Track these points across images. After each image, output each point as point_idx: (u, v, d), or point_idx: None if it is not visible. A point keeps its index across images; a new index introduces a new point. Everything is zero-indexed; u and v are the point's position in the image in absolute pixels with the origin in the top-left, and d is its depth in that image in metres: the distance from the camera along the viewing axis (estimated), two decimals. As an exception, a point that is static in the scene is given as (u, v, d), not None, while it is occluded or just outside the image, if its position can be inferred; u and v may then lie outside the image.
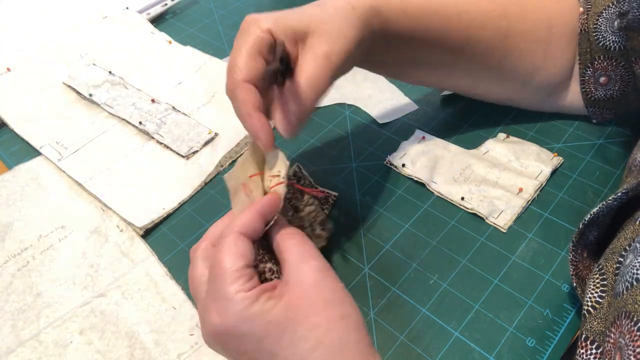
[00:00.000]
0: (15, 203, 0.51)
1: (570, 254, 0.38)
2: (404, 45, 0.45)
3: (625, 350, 0.27)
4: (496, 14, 0.46)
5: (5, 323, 0.42)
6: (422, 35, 0.44)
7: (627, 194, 0.35)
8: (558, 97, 0.52)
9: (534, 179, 0.48)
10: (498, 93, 0.52)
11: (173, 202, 0.51)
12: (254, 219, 0.34)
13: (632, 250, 0.31)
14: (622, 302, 0.29)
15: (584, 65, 0.48)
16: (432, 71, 0.49)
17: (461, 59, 0.48)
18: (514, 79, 0.50)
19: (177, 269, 0.45)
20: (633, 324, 0.27)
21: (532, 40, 0.48)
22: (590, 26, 0.47)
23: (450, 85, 0.54)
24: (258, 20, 0.36)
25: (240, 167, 0.37)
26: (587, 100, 0.50)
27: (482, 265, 0.43)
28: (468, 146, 0.52)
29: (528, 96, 0.52)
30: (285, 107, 0.35)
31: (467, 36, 0.46)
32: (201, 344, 0.40)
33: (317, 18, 0.37)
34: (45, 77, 0.65)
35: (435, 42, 0.45)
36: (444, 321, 0.39)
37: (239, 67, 0.35)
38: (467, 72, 0.50)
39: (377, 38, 0.41)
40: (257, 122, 0.35)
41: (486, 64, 0.48)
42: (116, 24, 0.72)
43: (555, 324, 0.39)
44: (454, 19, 0.45)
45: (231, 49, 0.37)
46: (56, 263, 0.46)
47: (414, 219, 0.47)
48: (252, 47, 0.35)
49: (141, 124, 0.58)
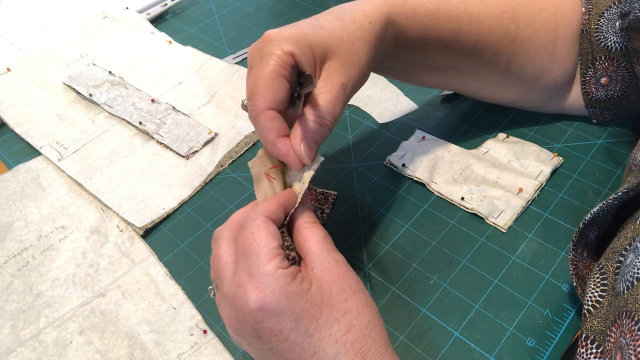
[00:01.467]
0: (15, 203, 0.51)
1: (570, 253, 0.38)
2: (413, 50, 0.45)
3: (626, 349, 0.27)
4: (505, 17, 0.46)
5: (5, 323, 0.42)
6: (432, 40, 0.44)
7: (627, 194, 0.35)
8: (561, 98, 0.52)
9: (534, 179, 0.48)
10: (504, 96, 0.52)
11: (173, 202, 0.51)
12: (278, 208, 0.34)
13: (633, 249, 0.31)
14: (623, 301, 0.29)
15: (585, 65, 0.48)
16: (439, 74, 0.49)
17: (469, 63, 0.48)
18: (521, 82, 0.50)
19: (177, 269, 0.45)
20: (634, 323, 0.27)
21: (540, 43, 0.48)
22: (591, 27, 0.47)
23: (456, 87, 0.54)
24: (279, 42, 0.34)
25: (262, 157, 0.37)
26: (588, 101, 0.50)
27: (482, 265, 0.43)
28: (468, 146, 0.52)
29: (533, 98, 0.52)
30: (305, 134, 0.35)
31: (477, 40, 0.46)
32: (201, 344, 0.40)
33: (336, 38, 0.37)
34: (45, 77, 0.65)
35: (445, 46, 0.45)
36: (444, 321, 0.39)
37: (261, 93, 0.34)
38: (475, 75, 0.50)
39: (389, 46, 0.42)
40: (284, 149, 0.35)
41: (494, 67, 0.49)
42: (116, 24, 0.72)
43: (555, 324, 0.39)
44: (464, 23, 0.45)
45: (231, 49, 0.37)
46: (56, 263, 0.46)
47: (414, 219, 0.47)
48: (275, 72, 0.34)
49: (141, 124, 0.58)
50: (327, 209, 0.47)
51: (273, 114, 0.34)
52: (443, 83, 0.52)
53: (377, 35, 0.39)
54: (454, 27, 0.44)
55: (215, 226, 0.48)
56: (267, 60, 0.34)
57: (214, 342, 0.40)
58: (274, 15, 0.75)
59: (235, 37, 0.71)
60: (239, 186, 0.52)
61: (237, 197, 0.51)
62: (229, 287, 0.32)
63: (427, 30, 0.43)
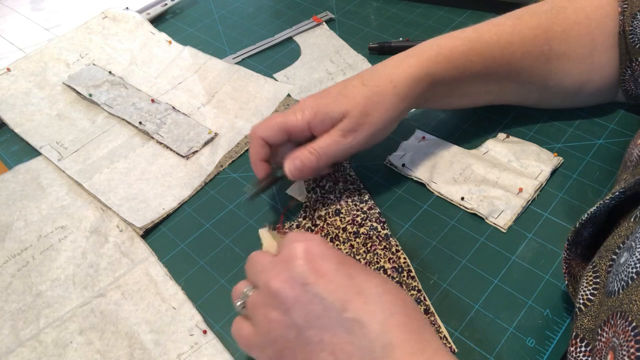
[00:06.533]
0: (15, 203, 0.51)
1: (565, 252, 0.38)
2: (449, 90, 0.48)
3: (619, 350, 0.27)
4: (539, 40, 0.47)
5: (5, 323, 0.42)
6: (467, 78, 0.47)
7: (624, 193, 0.35)
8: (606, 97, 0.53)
9: (534, 179, 0.48)
10: (549, 105, 0.54)
11: (173, 202, 0.51)
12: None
13: (627, 248, 0.31)
14: (618, 301, 0.29)
15: (623, 65, 0.48)
16: (476, 99, 0.51)
17: (505, 86, 0.50)
18: (562, 94, 0.52)
19: (177, 269, 0.45)
20: (628, 324, 0.27)
21: (576, 57, 0.48)
22: (627, 28, 0.47)
23: (498, 103, 0.54)
24: (304, 109, 0.43)
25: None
26: (628, 97, 0.51)
27: (482, 265, 0.43)
28: (468, 146, 0.52)
29: (579, 102, 0.53)
30: (295, 154, 0.44)
31: (510, 68, 0.48)
32: (201, 344, 0.40)
33: (355, 103, 0.43)
34: (45, 77, 0.65)
35: (479, 78, 0.48)
36: (444, 321, 0.39)
37: (265, 126, 0.44)
38: (513, 95, 0.52)
39: (420, 97, 0.46)
40: (259, 170, 0.45)
41: (531, 86, 0.50)
42: (116, 24, 0.72)
43: (555, 324, 0.39)
44: (497, 55, 0.47)
45: (231, 49, 0.38)
46: (56, 263, 0.46)
47: (414, 219, 0.47)
48: (284, 124, 0.43)
49: (141, 124, 0.58)
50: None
51: (262, 142, 0.44)
52: (478, 104, 0.53)
53: (400, 97, 0.44)
54: (487, 62, 0.47)
55: (215, 226, 0.49)
56: (287, 115, 0.43)
57: (213, 342, 0.40)
58: (274, 15, 0.75)
59: (235, 37, 0.71)
60: (239, 186, 0.52)
61: (237, 197, 0.51)
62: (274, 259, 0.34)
63: (462, 71, 0.46)
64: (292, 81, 0.63)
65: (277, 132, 0.43)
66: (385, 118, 0.44)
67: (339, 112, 0.43)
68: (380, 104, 0.43)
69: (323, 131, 0.43)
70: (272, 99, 0.60)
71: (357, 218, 0.45)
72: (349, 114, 0.42)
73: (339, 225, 0.45)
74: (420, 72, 0.44)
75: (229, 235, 0.47)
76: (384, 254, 0.42)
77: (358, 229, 0.44)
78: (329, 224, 0.46)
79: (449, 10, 0.71)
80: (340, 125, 0.43)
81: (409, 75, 0.44)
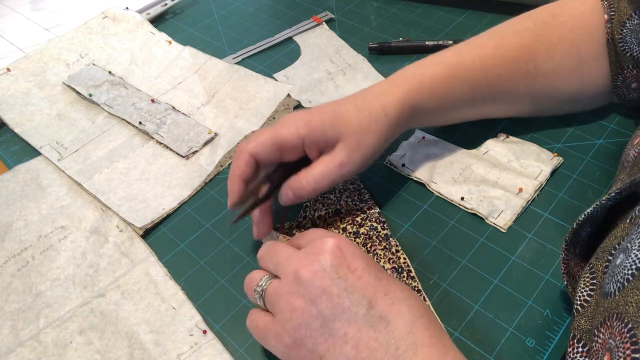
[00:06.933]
0: (15, 203, 0.51)
1: (563, 252, 0.38)
2: (434, 116, 0.48)
3: (615, 352, 0.27)
4: (522, 60, 0.47)
5: (5, 323, 0.42)
6: (452, 103, 0.47)
7: (620, 194, 0.35)
8: (602, 101, 0.53)
9: (533, 179, 0.48)
10: (543, 114, 0.54)
11: (173, 202, 0.51)
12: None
13: (623, 249, 0.31)
14: (614, 303, 0.29)
15: (614, 72, 0.48)
16: (465, 118, 0.51)
17: (493, 107, 0.50)
18: (554, 106, 0.52)
19: (176, 269, 0.45)
20: (623, 325, 0.27)
21: (564, 73, 0.48)
22: (615, 36, 0.46)
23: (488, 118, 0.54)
24: (298, 124, 0.41)
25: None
26: (623, 101, 0.51)
27: (482, 265, 0.43)
28: (468, 146, 0.52)
29: (575, 109, 0.53)
30: (289, 183, 0.42)
31: (497, 90, 0.48)
32: (201, 344, 0.40)
33: (350, 129, 0.42)
34: (45, 77, 0.65)
35: (464, 103, 0.48)
36: (444, 321, 0.39)
37: (256, 142, 0.41)
38: (504, 112, 0.52)
39: (408, 122, 0.46)
40: (233, 186, 0.42)
41: (520, 104, 0.50)
42: (116, 24, 0.72)
43: (555, 324, 0.39)
44: (481, 79, 0.47)
45: (231, 49, 0.37)
46: (56, 263, 0.46)
47: (413, 219, 0.47)
48: (278, 141, 0.41)
49: (141, 124, 0.58)
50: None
51: (250, 159, 0.41)
52: (469, 119, 0.52)
53: (391, 125, 0.44)
54: (471, 86, 0.47)
55: (215, 226, 0.49)
56: (280, 129, 0.41)
57: (213, 342, 0.40)
58: (274, 15, 0.75)
59: (235, 37, 0.71)
60: (239, 186, 0.52)
61: (237, 197, 0.51)
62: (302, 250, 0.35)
63: (444, 98, 0.46)
64: (292, 81, 0.63)
65: (270, 150, 0.41)
66: (378, 144, 0.44)
67: (334, 134, 0.42)
68: (374, 131, 0.43)
69: (317, 152, 0.43)
70: (272, 99, 0.60)
71: (357, 218, 0.45)
72: (344, 139, 0.42)
73: (339, 225, 0.45)
74: (405, 102, 0.44)
75: (229, 235, 0.47)
76: (383, 254, 0.43)
77: (358, 229, 0.44)
78: (329, 224, 0.46)
79: (449, 10, 0.71)
80: (335, 153, 0.42)
81: (398, 105, 0.44)
